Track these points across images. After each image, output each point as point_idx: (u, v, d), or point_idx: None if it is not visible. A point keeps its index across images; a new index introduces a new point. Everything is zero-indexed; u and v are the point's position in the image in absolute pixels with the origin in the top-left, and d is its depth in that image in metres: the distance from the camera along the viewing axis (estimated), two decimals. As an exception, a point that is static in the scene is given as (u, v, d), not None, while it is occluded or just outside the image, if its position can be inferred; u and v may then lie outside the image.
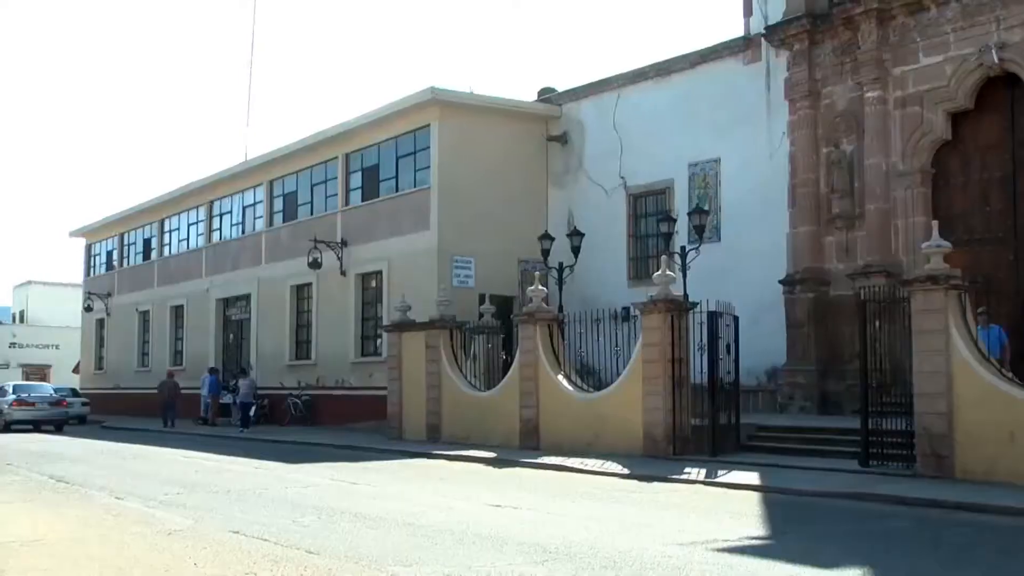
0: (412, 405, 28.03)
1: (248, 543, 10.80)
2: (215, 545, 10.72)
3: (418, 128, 32.86)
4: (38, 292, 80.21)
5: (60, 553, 10.43)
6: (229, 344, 43.81)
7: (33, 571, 9.45)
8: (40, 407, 39.62)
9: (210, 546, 10.67)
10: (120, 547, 10.81)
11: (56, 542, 11.15)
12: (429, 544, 10.72)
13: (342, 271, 35.28)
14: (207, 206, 45.70)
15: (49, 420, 39.10)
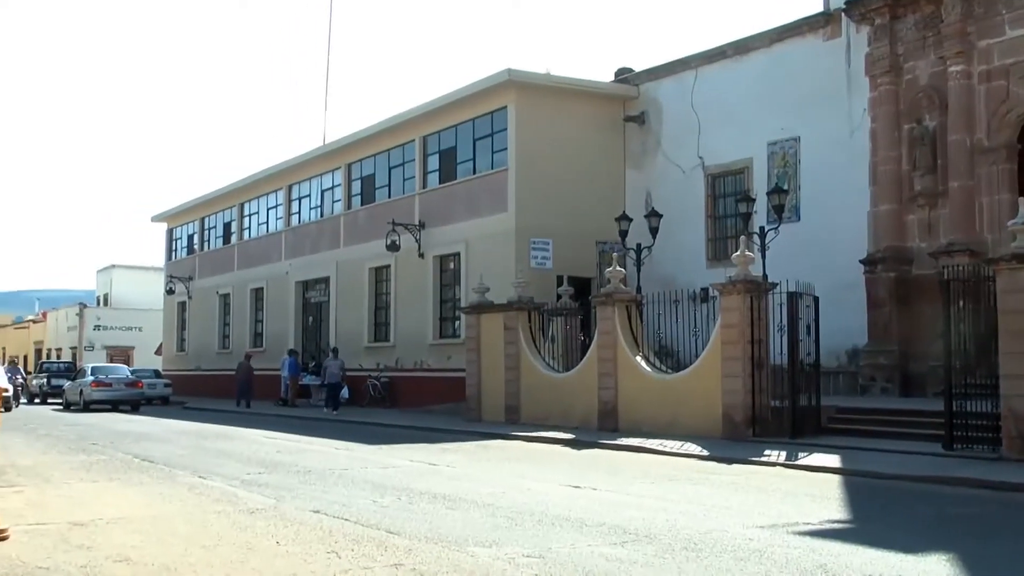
0: (490, 386, 28.15)
1: (329, 523, 10.92)
2: (296, 524, 10.86)
3: (495, 110, 32.90)
4: (121, 276, 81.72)
5: (146, 530, 10.63)
6: (308, 326, 44.31)
7: (120, 547, 9.64)
8: (117, 388, 40.78)
9: (291, 525, 10.81)
10: (204, 525, 11.00)
11: (142, 520, 11.37)
12: (508, 525, 10.76)
13: (420, 253, 35.47)
14: (286, 190, 46.20)
15: (125, 400, 40.07)
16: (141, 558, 9.10)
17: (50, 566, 8.83)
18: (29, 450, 20.66)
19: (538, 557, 8.96)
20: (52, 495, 13.58)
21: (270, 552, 9.37)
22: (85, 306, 79.80)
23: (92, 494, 13.73)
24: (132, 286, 78.74)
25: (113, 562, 8.96)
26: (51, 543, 9.94)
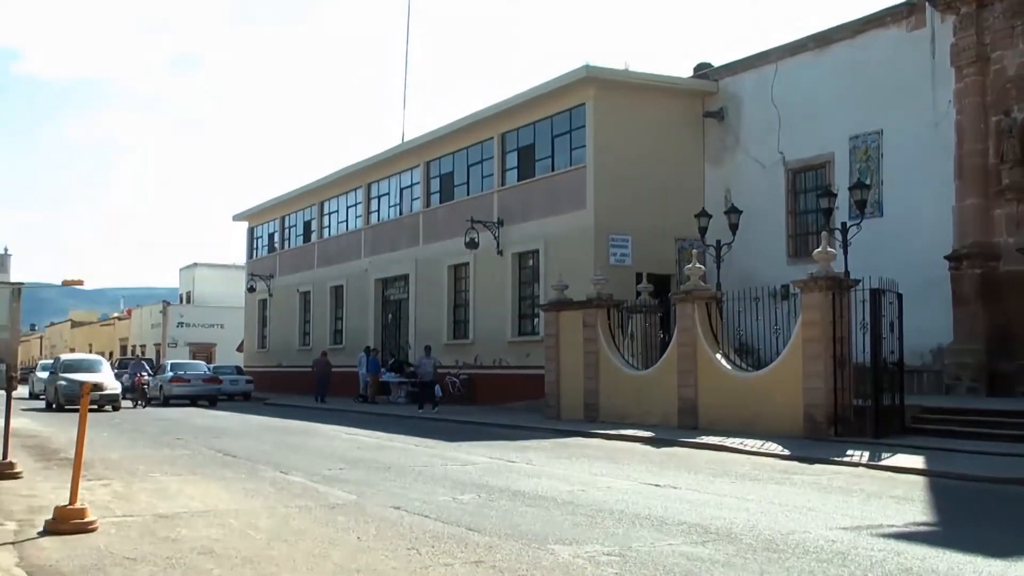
0: (569, 384, 28.11)
1: (409, 519, 10.99)
2: (377, 520, 10.94)
3: (573, 107, 32.85)
4: (203, 274, 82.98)
5: (229, 524, 10.78)
6: (388, 324, 44.63)
7: (204, 540, 9.79)
8: (195, 383, 41.77)
9: (372, 521, 10.89)
10: (285, 520, 11.12)
11: (225, 513, 11.53)
12: (588, 523, 10.74)
13: (499, 250, 35.55)
14: (365, 188, 46.56)
15: (203, 396, 40.97)
16: (225, 551, 9.24)
17: (137, 557, 9.00)
18: (115, 444, 21.06)
19: (618, 555, 8.94)
20: (138, 488, 13.83)
21: (351, 548, 9.45)
22: (168, 304, 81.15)
23: (176, 488, 13.96)
24: (214, 284, 79.92)
25: (197, 554, 9.10)
26: (137, 535, 10.13)
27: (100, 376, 36.02)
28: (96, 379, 33.85)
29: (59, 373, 37.18)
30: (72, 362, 39.84)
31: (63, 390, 35.46)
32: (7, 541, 9.87)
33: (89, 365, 38.86)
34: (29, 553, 9.30)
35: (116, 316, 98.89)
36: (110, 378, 36.71)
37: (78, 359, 42.00)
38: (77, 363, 39.39)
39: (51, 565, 8.76)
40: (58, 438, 22.56)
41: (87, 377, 32.99)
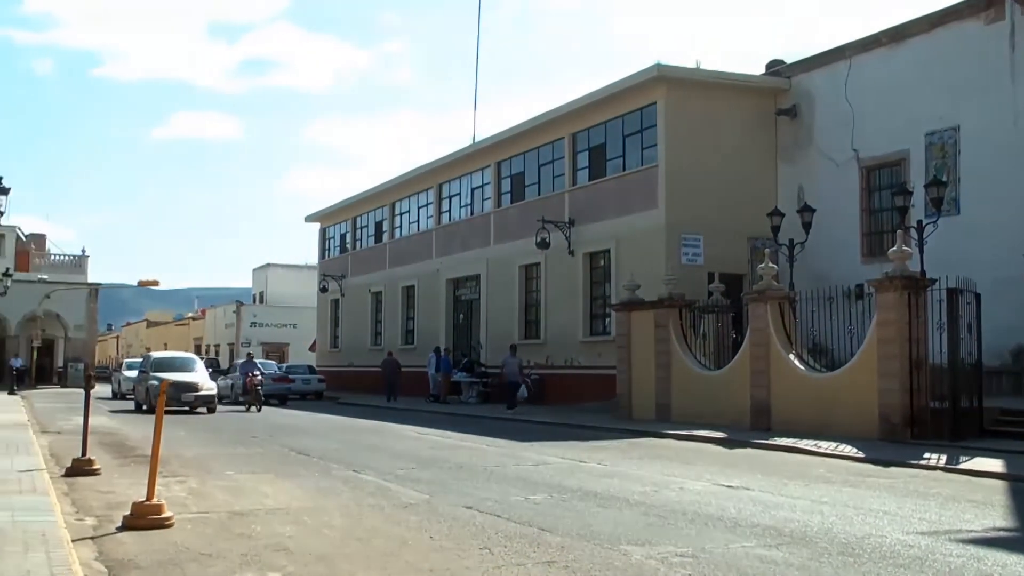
0: (641, 384, 28.02)
1: (481, 519, 11.00)
2: (449, 520, 10.97)
3: (644, 106, 32.70)
4: (276, 274, 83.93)
5: (303, 521, 10.88)
6: (459, 324, 44.75)
7: (279, 537, 9.89)
8: (265, 382, 41.91)
9: (444, 521, 10.92)
10: (358, 518, 11.20)
11: (298, 511, 11.64)
12: (661, 524, 10.69)
13: (570, 250, 35.51)
14: (436, 188, 46.75)
15: (273, 394, 41.17)
16: (298, 548, 9.33)
17: (212, 553, 9.12)
18: (191, 442, 21.36)
19: (691, 557, 8.88)
20: (213, 485, 14.01)
21: (424, 547, 9.49)
22: (242, 304, 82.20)
23: (251, 485, 14.12)
24: (287, 284, 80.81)
25: (272, 551, 9.20)
26: (213, 531, 10.27)
27: (194, 376, 34.49)
28: (190, 379, 33.33)
29: (150, 372, 34.53)
30: (164, 360, 37.37)
31: (155, 390, 32.00)
32: (87, 536, 10.05)
33: (182, 364, 36.36)
34: (108, 548, 9.47)
35: (191, 316, 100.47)
36: (205, 377, 35.04)
37: (170, 357, 39.49)
38: (169, 361, 36.88)
39: (129, 560, 8.90)
40: (135, 435, 22.94)
41: (181, 377, 32.63)
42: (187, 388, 32.79)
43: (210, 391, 33.89)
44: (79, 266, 72.87)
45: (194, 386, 33.15)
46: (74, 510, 11.78)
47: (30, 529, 9.46)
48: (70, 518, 10.93)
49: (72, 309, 68.87)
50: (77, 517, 11.26)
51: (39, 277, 67.09)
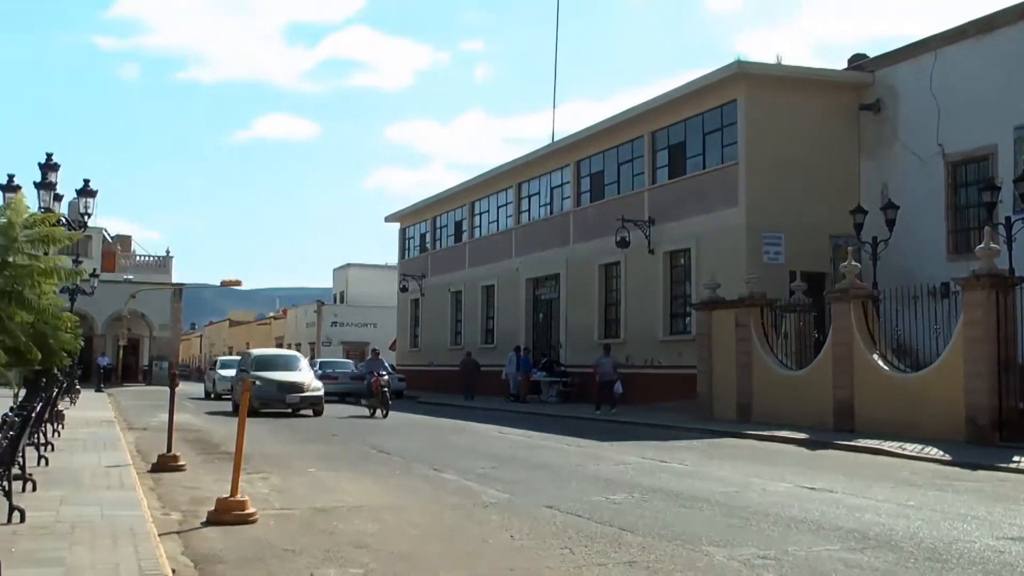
0: (722, 384, 27.80)
1: (562, 518, 10.99)
2: (530, 519, 10.97)
3: (724, 103, 32.43)
4: (356, 274, 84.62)
5: (384, 519, 10.95)
6: (538, 323, 44.75)
7: (360, 534, 9.97)
8: (342, 381, 42.41)
9: (525, 520, 10.92)
10: (439, 517, 11.25)
11: (380, 508, 11.72)
12: (743, 525, 10.59)
13: (650, 249, 35.34)
14: (515, 188, 46.79)
15: (351, 393, 41.30)
16: (380, 546, 9.39)
17: (296, 549, 9.22)
18: (273, 439, 21.60)
19: (774, 559, 8.78)
20: (295, 482, 14.17)
21: (505, 546, 9.50)
22: (323, 303, 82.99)
23: (333, 482, 14.26)
24: (367, 284, 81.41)
25: (354, 548, 9.27)
26: (296, 527, 10.38)
27: (299, 375, 32.29)
28: (294, 378, 31.59)
29: (250, 371, 31.75)
30: (266, 358, 34.75)
31: (257, 391, 29.10)
32: (173, 530, 10.22)
33: (286, 362, 34.10)
34: (193, 542, 9.62)
35: (272, 316, 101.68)
36: (310, 377, 32.81)
37: (272, 355, 36.94)
38: (271, 359, 34.51)
39: (214, 554, 9.03)
40: (218, 433, 23.25)
41: (284, 376, 31.39)
42: (291, 388, 31.13)
43: (316, 391, 31.79)
44: (164, 266, 74.15)
45: (299, 386, 31.25)
46: (160, 505, 11.98)
47: (118, 523, 9.64)
48: (156, 513, 11.12)
49: (157, 309, 70.11)
50: (163, 512, 11.45)
51: (125, 277, 68.37)
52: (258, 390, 29.30)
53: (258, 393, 29.30)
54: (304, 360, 35.45)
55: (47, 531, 9.24)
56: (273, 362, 33.78)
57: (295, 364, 33.78)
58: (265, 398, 30.22)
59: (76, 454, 16.56)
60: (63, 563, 7.85)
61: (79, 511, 10.42)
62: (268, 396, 30.31)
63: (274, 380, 30.82)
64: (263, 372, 31.32)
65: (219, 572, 8.39)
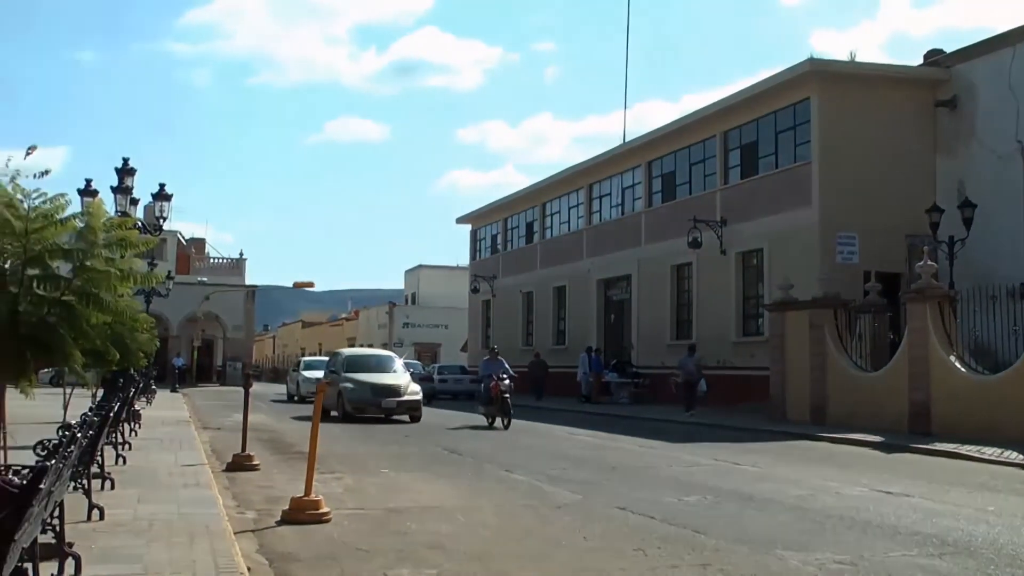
0: (795, 386, 27.51)
1: (635, 520, 10.94)
2: (603, 521, 10.94)
3: (797, 102, 32.13)
4: (428, 275, 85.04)
5: (457, 520, 10.97)
6: (610, 324, 44.63)
7: (433, 535, 10.00)
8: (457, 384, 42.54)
9: (598, 521, 10.89)
10: (512, 518, 11.25)
11: (452, 509, 11.74)
12: (817, 529, 10.47)
13: (722, 250, 35.10)
14: (587, 189, 46.73)
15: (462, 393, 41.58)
16: (453, 546, 9.41)
17: (369, 549, 9.27)
18: (346, 439, 21.73)
19: (850, 564, 8.66)
20: (368, 483, 14.24)
21: (577, 547, 9.48)
22: (394, 304, 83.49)
23: (405, 483, 14.32)
24: (438, 285, 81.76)
25: (427, 548, 9.30)
26: (369, 527, 10.43)
27: (395, 377, 29.53)
28: (390, 381, 28.95)
29: (341, 372, 29.49)
30: (358, 359, 31.77)
31: (349, 394, 28.38)
32: (248, 529, 10.33)
33: (379, 363, 31.18)
34: (268, 541, 9.71)
35: (344, 317, 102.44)
36: (407, 379, 29.80)
37: (364, 355, 33.88)
38: (364, 360, 31.52)
39: (289, 553, 9.11)
40: (292, 433, 23.45)
41: (379, 378, 28.94)
42: (387, 392, 28.50)
43: (414, 396, 28.85)
44: (237, 268, 75.09)
45: (395, 389, 28.46)
46: (235, 504, 12.10)
47: (195, 522, 9.76)
48: (232, 511, 11.24)
49: (230, 310, 70.98)
50: (238, 511, 11.57)
51: (199, 279, 69.36)
52: (352, 394, 28.22)
53: (352, 397, 28.15)
54: (399, 361, 32.60)
55: (125, 528, 9.38)
56: (365, 363, 30.94)
57: (389, 365, 31.03)
58: (360, 402, 28.24)
59: (153, 453, 16.80)
60: (141, 560, 7.96)
61: (156, 509, 10.57)
62: (364, 400, 28.26)
63: (368, 383, 28.65)
64: (355, 374, 29.26)
65: (294, 571, 8.46)
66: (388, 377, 29.39)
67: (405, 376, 30.10)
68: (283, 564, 8.66)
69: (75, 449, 5.32)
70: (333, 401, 28.30)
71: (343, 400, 28.34)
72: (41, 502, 4.28)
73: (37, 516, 4.39)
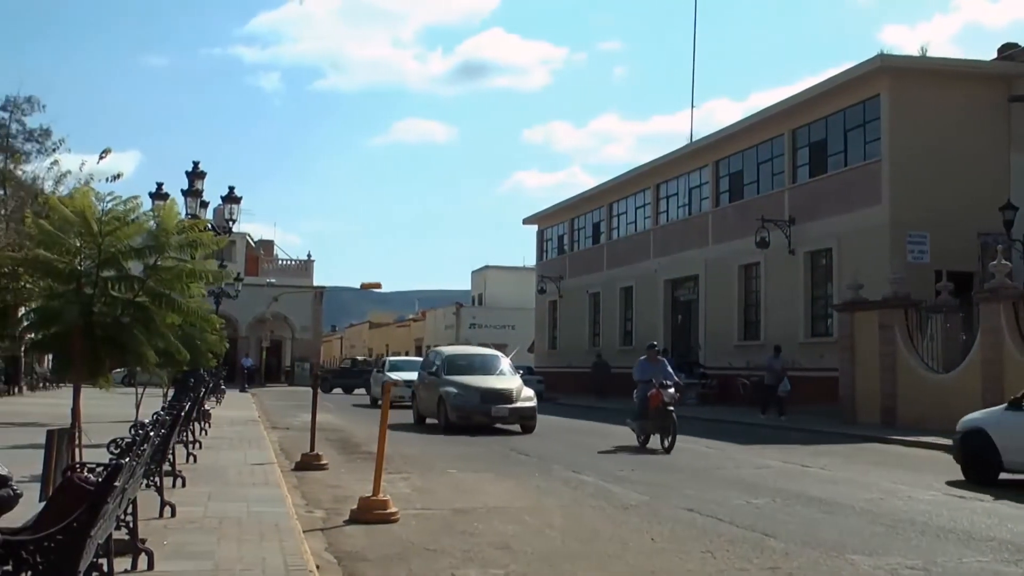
0: (865, 387, 27.18)
1: (702, 521, 10.87)
2: (670, 522, 10.88)
3: (867, 98, 31.71)
4: (494, 276, 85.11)
5: (523, 521, 10.97)
6: (677, 325, 44.40)
7: (500, 536, 10.00)
8: None
9: (665, 523, 10.84)
10: (579, 519, 11.22)
11: (520, 510, 11.74)
12: (888, 533, 10.32)
13: (790, 249, 34.77)
14: (654, 189, 46.54)
15: None
16: (520, 547, 9.40)
17: (436, 548, 9.30)
18: (413, 440, 21.83)
19: (922, 570, 8.54)
20: (436, 483, 14.30)
21: (645, 548, 9.44)
22: (461, 305, 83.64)
23: (472, 483, 14.34)
24: (505, 286, 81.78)
25: (494, 549, 9.31)
26: (436, 527, 10.47)
27: (505, 380, 25.87)
28: (501, 385, 25.37)
29: (442, 375, 26.03)
30: (461, 358, 27.70)
31: (453, 400, 24.67)
32: (316, 527, 10.41)
33: (483, 363, 27.33)
34: (336, 540, 9.78)
35: (411, 318, 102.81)
36: (518, 382, 26.04)
37: (468, 354, 28.92)
38: (467, 360, 27.51)
39: (357, 552, 9.17)
40: (359, 433, 23.54)
41: (487, 381, 25.45)
42: (498, 398, 24.75)
43: (528, 402, 25.02)
44: (305, 270, 75.74)
45: (507, 395, 24.77)
46: (304, 502, 12.21)
47: (264, 520, 9.86)
48: (300, 510, 11.33)
49: (298, 311, 71.61)
50: (307, 509, 11.67)
51: (268, 281, 70.01)
52: (457, 399, 24.59)
53: (456, 403, 24.53)
54: (506, 360, 28.53)
55: (196, 525, 9.50)
56: (469, 364, 27.05)
57: (495, 366, 27.16)
58: (465, 410, 24.54)
59: (222, 452, 16.99)
60: (212, 557, 8.05)
61: (226, 507, 10.69)
62: (471, 407, 24.56)
63: (476, 387, 24.89)
64: (459, 376, 25.50)
65: (362, 570, 8.50)
66: (498, 380, 25.76)
67: (516, 379, 26.45)
68: (351, 563, 8.71)
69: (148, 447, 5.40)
70: (431, 408, 26.12)
71: (445, 407, 24.87)
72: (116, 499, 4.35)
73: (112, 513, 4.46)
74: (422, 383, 27.72)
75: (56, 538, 3.63)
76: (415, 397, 28.40)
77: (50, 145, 36.05)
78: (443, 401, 25.03)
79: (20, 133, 36.97)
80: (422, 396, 27.37)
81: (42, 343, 12.64)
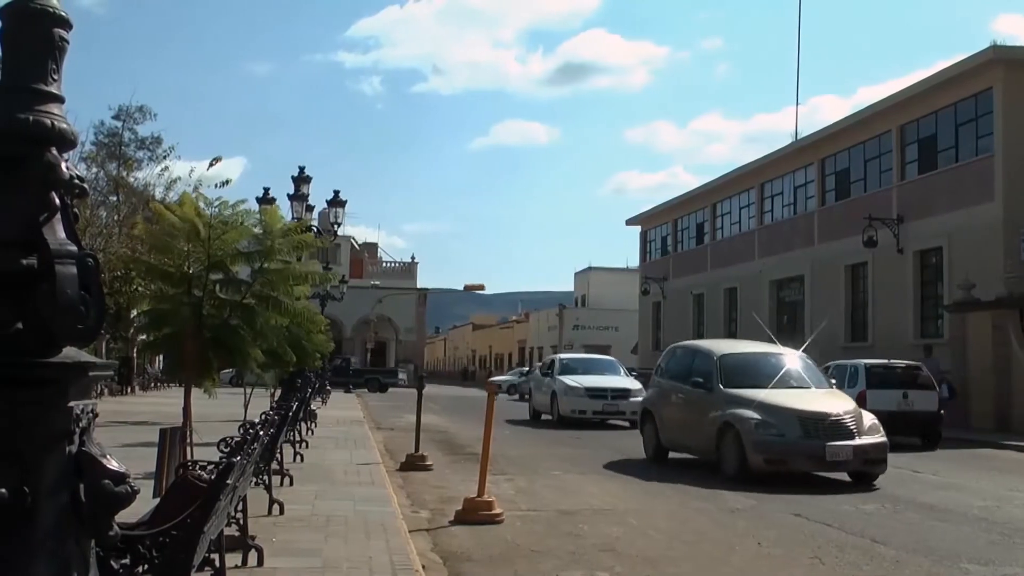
0: (977, 390, 26.54)
1: (810, 527, 10.70)
2: (777, 527, 10.73)
3: (979, 92, 30.89)
4: (598, 277, 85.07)
5: (628, 523, 10.90)
6: (783, 326, 43.81)
7: (605, 537, 9.96)
8: None
9: (772, 527, 10.69)
10: (684, 521, 11.13)
11: (624, 512, 11.68)
12: (1005, 542, 10.04)
13: (899, 248, 34.09)
14: (758, 188, 46.02)
15: None
16: (625, 549, 9.35)
17: (542, 550, 9.29)
18: (517, 442, 21.85)
19: (1041, 579, 8.29)
20: (540, 484, 14.29)
21: (751, 553, 9.31)
22: (564, 307, 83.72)
23: (576, 485, 14.31)
24: (608, 287, 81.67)
25: (599, 551, 9.27)
26: (541, 529, 10.46)
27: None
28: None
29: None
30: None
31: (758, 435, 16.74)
32: (421, 527, 10.47)
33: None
34: (442, 540, 9.82)
35: (514, 319, 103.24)
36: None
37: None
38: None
39: (462, 552, 9.19)
40: (464, 434, 23.64)
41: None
42: (830, 432, 20.46)
43: (876, 437, 21.39)
44: (408, 272, 76.51)
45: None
46: (409, 503, 12.28)
47: (370, 519, 9.94)
48: (406, 510, 11.41)
49: (402, 313, 72.36)
50: (412, 509, 11.74)
51: (372, 283, 70.86)
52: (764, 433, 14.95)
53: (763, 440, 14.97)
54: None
55: (304, 523, 9.61)
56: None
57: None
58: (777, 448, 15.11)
59: (328, 451, 17.19)
60: (319, 554, 8.14)
61: (333, 505, 10.81)
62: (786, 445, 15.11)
63: (792, 410, 15.25)
64: (751, 393, 15.78)
65: (468, 570, 8.52)
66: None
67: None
68: (457, 563, 8.74)
69: (258, 446, 5.48)
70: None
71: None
72: (227, 496, 4.41)
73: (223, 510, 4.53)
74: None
75: (171, 533, 3.69)
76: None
77: (161, 152, 37.08)
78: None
79: (132, 141, 38.05)
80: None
81: (154, 344, 12.96)
